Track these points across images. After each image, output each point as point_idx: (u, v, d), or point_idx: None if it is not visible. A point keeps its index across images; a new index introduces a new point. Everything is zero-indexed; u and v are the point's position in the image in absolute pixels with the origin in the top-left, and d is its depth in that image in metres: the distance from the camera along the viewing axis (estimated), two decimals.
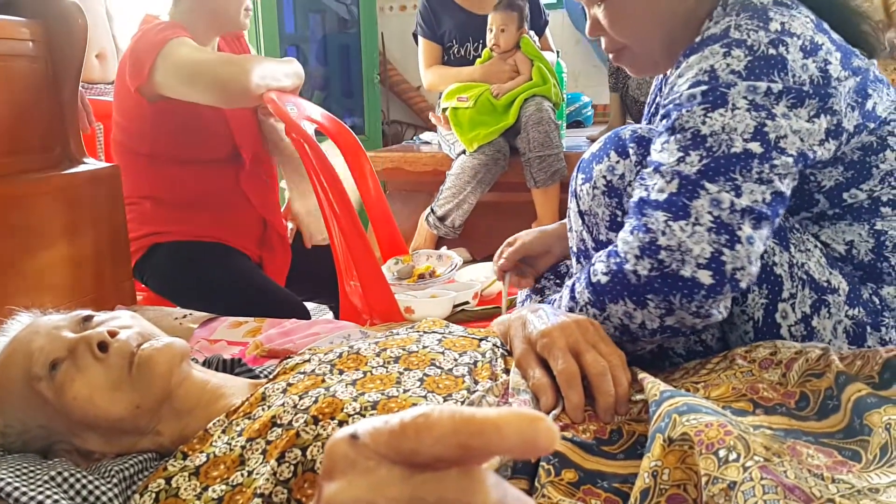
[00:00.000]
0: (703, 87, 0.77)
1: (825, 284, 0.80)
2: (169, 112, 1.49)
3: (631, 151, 0.85)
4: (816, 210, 0.84)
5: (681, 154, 0.76)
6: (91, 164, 1.44)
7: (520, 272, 1.13)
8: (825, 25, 0.82)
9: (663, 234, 0.72)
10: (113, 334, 0.79)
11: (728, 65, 0.77)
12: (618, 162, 0.86)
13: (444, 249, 1.60)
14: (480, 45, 2.59)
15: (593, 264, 0.81)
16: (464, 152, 2.39)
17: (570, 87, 3.27)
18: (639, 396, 0.70)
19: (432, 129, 2.80)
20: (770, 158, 0.74)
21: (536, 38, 2.62)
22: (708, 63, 0.78)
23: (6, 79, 1.29)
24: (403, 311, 1.33)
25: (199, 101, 1.46)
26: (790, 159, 0.75)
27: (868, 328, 0.79)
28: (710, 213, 0.72)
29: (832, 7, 0.85)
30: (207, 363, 0.95)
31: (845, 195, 0.82)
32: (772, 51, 0.77)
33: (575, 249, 0.93)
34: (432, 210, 2.42)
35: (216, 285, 1.54)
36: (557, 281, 1.12)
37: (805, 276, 0.80)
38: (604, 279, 0.77)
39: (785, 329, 0.80)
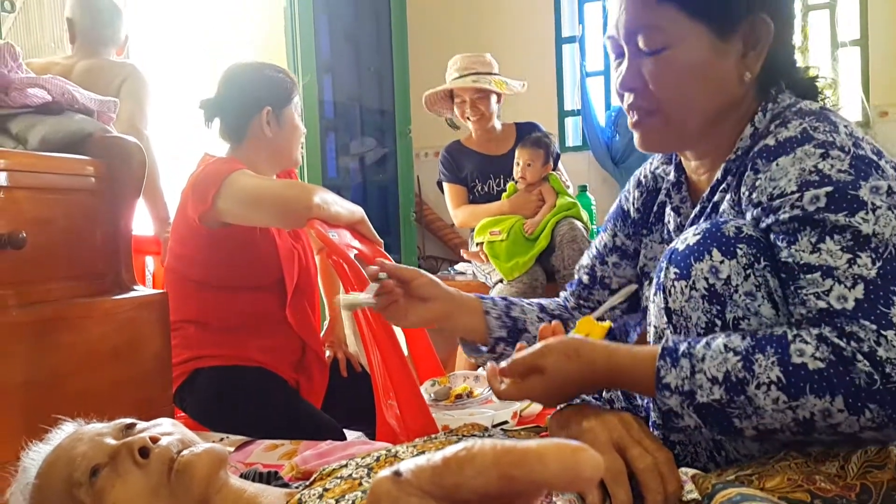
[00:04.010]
0: (827, 189, 0.74)
1: None
2: (225, 240, 1.57)
3: (739, 252, 0.77)
4: None
5: (849, 256, 0.71)
6: (140, 290, 1.49)
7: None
8: None
9: (879, 345, 0.66)
10: (155, 440, 0.80)
11: (832, 165, 0.76)
12: (722, 262, 0.78)
13: (481, 370, 1.59)
14: (502, 180, 2.72)
15: (789, 339, 0.70)
16: (501, 281, 2.43)
17: (600, 220, 3.35)
18: (691, 496, 0.67)
19: (466, 260, 2.86)
20: None
21: (563, 174, 2.75)
22: (809, 164, 0.77)
23: (68, 210, 1.38)
24: (441, 430, 1.30)
25: (261, 223, 1.55)
26: None
27: None
28: None
29: None
30: (244, 476, 0.94)
31: None
32: (860, 152, 0.77)
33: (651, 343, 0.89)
34: None
35: (256, 414, 1.54)
36: (597, 396, 1.09)
37: None
38: (814, 364, 0.67)
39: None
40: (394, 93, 4.19)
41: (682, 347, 0.75)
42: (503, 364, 0.83)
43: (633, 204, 1.10)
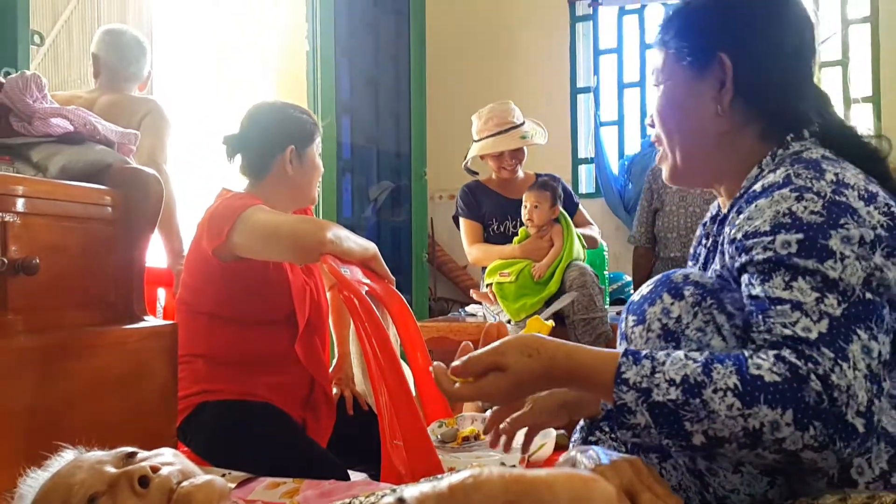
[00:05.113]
0: (798, 236, 0.78)
1: None
2: (239, 273, 1.57)
3: (687, 293, 0.84)
4: None
5: (818, 294, 0.75)
6: (150, 321, 1.49)
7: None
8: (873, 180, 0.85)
9: (833, 371, 0.70)
10: (155, 470, 0.79)
11: (805, 207, 0.79)
12: (672, 304, 0.85)
13: (489, 412, 1.56)
14: (518, 223, 2.75)
15: (747, 356, 0.75)
16: (509, 322, 2.42)
17: (612, 266, 3.35)
18: None
19: (477, 302, 2.86)
20: (883, 306, 0.76)
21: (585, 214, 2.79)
22: (783, 206, 0.81)
23: (84, 240, 1.39)
24: (447, 472, 1.28)
25: (274, 258, 1.57)
26: (888, 308, 0.76)
27: None
28: (863, 359, 0.72)
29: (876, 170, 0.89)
30: None
31: None
32: (839, 198, 0.79)
33: None
34: None
35: (260, 450, 1.52)
36: (613, 436, 1.07)
37: (881, 430, 0.76)
38: (771, 377, 0.71)
39: (862, 486, 0.75)
40: (411, 136, 4.25)
41: (645, 352, 0.80)
42: (455, 363, 0.84)
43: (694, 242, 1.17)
